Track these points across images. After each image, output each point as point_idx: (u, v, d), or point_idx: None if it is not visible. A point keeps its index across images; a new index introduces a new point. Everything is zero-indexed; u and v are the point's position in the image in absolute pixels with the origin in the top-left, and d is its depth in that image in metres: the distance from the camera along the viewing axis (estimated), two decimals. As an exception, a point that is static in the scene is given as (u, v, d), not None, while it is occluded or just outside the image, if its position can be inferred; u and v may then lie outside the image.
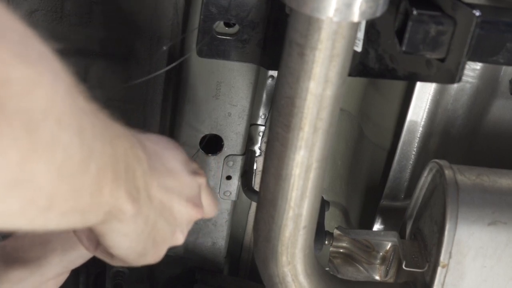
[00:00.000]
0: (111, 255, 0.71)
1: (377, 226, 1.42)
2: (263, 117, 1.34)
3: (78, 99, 0.52)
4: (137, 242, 0.69)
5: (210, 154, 1.29)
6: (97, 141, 0.54)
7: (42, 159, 0.46)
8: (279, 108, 0.82)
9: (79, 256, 0.89)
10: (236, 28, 1.01)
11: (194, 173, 0.79)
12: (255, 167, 1.37)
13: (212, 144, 1.27)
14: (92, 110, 0.54)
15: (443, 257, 1.02)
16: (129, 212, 0.62)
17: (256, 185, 1.33)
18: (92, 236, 0.70)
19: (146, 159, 0.66)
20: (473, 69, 1.23)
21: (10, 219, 0.47)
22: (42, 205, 0.49)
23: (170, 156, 0.76)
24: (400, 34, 0.86)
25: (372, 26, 0.94)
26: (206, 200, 0.83)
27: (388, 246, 1.23)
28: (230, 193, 1.35)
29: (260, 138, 1.36)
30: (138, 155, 0.64)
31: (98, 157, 0.54)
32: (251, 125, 1.33)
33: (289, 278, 0.99)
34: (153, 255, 0.75)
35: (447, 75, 0.87)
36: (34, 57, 0.46)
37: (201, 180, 0.81)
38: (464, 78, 1.21)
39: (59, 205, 0.51)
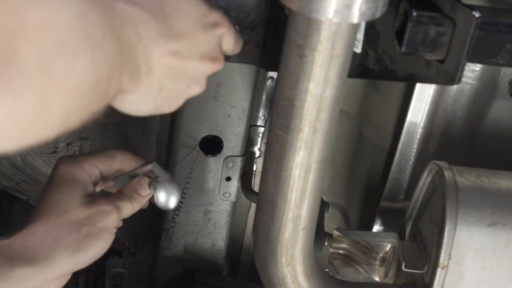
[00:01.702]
0: None
1: (376, 227, 1.42)
2: (262, 118, 1.34)
3: (90, 15, 0.51)
4: (143, 104, 0.72)
5: (209, 155, 1.29)
6: (107, 47, 0.55)
7: (59, 92, 0.47)
8: (279, 109, 0.82)
9: (87, 257, 0.90)
10: (235, 28, 1.01)
11: (212, 25, 0.77)
12: (254, 168, 1.37)
13: (212, 145, 1.27)
14: (101, 15, 0.54)
15: (442, 258, 1.02)
16: (129, 88, 0.65)
17: (256, 186, 1.33)
18: None
19: (147, 33, 0.67)
20: (472, 70, 1.23)
21: (29, 143, 0.49)
22: (58, 125, 0.50)
23: (181, 15, 0.73)
24: (399, 35, 0.86)
25: (371, 27, 0.94)
26: (228, 45, 0.82)
27: (388, 247, 1.23)
28: (230, 194, 1.35)
29: (259, 139, 1.36)
30: (139, 33, 0.66)
31: (107, 63, 0.55)
32: (251, 126, 1.33)
33: (288, 279, 0.99)
34: (168, 107, 0.78)
35: (447, 76, 0.87)
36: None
37: (221, 31, 0.79)
38: (463, 79, 1.21)
39: (72, 119, 0.52)
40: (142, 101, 0.71)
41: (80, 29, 0.49)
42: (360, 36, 0.92)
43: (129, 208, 0.94)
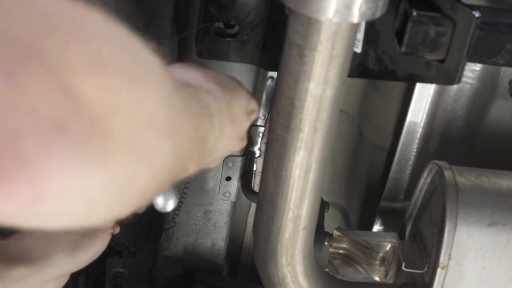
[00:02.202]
0: None
1: (376, 227, 1.42)
2: (262, 118, 1.34)
3: (176, 100, 0.54)
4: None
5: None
6: (185, 134, 0.57)
7: (144, 169, 0.50)
8: (279, 109, 0.82)
9: (84, 257, 0.90)
10: (235, 29, 1.01)
11: (251, 112, 0.85)
12: (254, 168, 1.37)
13: None
14: (184, 102, 0.57)
15: (442, 258, 1.02)
16: (191, 172, 0.66)
17: (256, 186, 1.33)
18: None
19: (218, 124, 0.72)
20: (472, 70, 1.23)
21: (107, 217, 0.51)
22: (134, 201, 0.52)
23: (237, 104, 0.80)
24: (399, 35, 0.86)
25: (371, 27, 0.94)
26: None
27: (388, 247, 1.23)
28: (230, 194, 1.35)
29: (259, 139, 1.36)
30: (212, 123, 0.70)
31: (184, 148, 0.58)
32: (251, 126, 1.33)
33: (288, 279, 0.99)
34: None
35: (447, 76, 0.87)
36: (141, 73, 0.48)
37: (255, 116, 0.87)
38: (463, 79, 1.21)
39: (146, 197, 0.54)
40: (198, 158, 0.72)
41: (166, 112, 0.51)
42: (360, 36, 0.92)
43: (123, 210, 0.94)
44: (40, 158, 0.40)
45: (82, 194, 0.45)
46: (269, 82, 1.29)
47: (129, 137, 0.47)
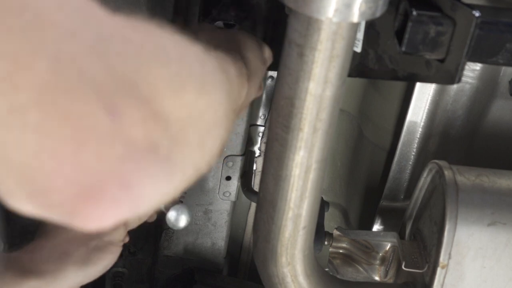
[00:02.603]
0: None
1: (376, 227, 1.42)
2: (262, 117, 1.33)
3: (231, 92, 0.59)
4: None
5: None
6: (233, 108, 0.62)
7: (204, 163, 0.53)
8: (279, 108, 0.82)
9: (95, 271, 0.90)
10: (235, 28, 1.01)
11: (266, 60, 0.88)
12: (254, 168, 1.37)
13: None
14: (234, 86, 0.64)
15: (442, 258, 1.02)
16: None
17: (256, 186, 1.33)
18: None
19: (246, 81, 0.77)
20: (472, 70, 1.23)
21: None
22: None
23: (253, 56, 0.83)
24: (399, 34, 0.86)
25: (371, 27, 0.94)
26: None
27: (388, 247, 1.23)
28: (230, 193, 1.35)
29: (259, 138, 1.36)
30: (244, 83, 0.75)
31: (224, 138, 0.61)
32: (251, 125, 1.33)
33: (288, 279, 0.99)
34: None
35: (447, 75, 0.87)
36: (208, 80, 0.53)
37: (269, 62, 0.90)
38: (463, 78, 1.21)
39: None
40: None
41: (226, 107, 0.56)
42: (360, 35, 0.92)
43: (135, 221, 0.95)
44: (139, 181, 0.45)
45: (162, 195, 0.49)
46: (269, 81, 1.28)
47: (199, 140, 0.51)
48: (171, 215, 0.94)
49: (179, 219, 0.94)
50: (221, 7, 0.97)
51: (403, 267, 1.09)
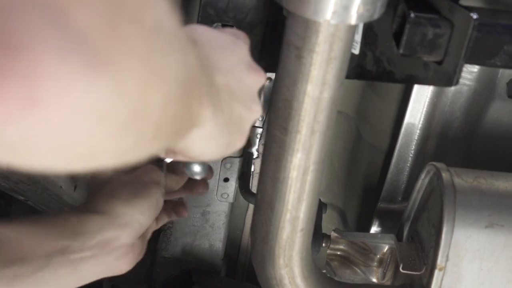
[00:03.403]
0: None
1: (374, 229, 1.42)
2: (260, 119, 1.33)
3: (174, 16, 0.48)
4: (220, 137, 0.66)
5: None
6: (191, 51, 0.52)
7: (157, 86, 0.43)
8: (277, 110, 0.82)
9: (146, 204, 0.93)
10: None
11: (238, 39, 0.77)
12: (252, 169, 1.37)
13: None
14: (179, 23, 0.50)
15: (440, 260, 1.02)
16: (208, 115, 0.59)
17: (254, 187, 1.33)
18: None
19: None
20: (470, 72, 1.23)
21: (121, 157, 0.44)
22: (150, 136, 0.45)
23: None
24: (397, 36, 0.86)
25: (369, 29, 0.94)
26: None
27: (386, 249, 1.23)
28: (228, 195, 1.35)
29: (257, 140, 1.36)
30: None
31: (194, 67, 0.52)
32: (249, 127, 1.33)
33: (286, 281, 0.99)
34: (240, 139, 0.72)
35: (445, 77, 0.87)
36: None
37: (248, 41, 0.79)
38: (461, 80, 1.22)
39: (162, 133, 0.48)
40: (218, 134, 0.65)
41: (169, 22, 0.46)
42: (358, 37, 0.92)
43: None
44: (33, 47, 0.33)
45: (87, 109, 0.37)
46: (267, 83, 1.29)
47: (140, 42, 0.40)
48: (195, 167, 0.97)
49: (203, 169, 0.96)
50: (220, 9, 0.97)
51: (400, 269, 1.09)
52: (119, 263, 0.92)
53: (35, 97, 0.34)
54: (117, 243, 0.91)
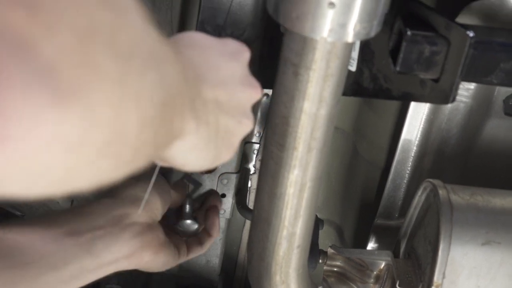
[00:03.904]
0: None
1: (371, 245, 1.42)
2: (257, 135, 1.34)
3: (152, 30, 0.47)
4: (206, 149, 0.65)
5: (204, 172, 1.29)
6: (171, 67, 0.50)
7: (132, 109, 0.42)
8: (274, 127, 0.82)
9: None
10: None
11: (234, 53, 0.74)
12: (249, 185, 1.37)
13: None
14: (161, 41, 0.49)
15: (436, 277, 1.02)
16: (191, 128, 0.58)
17: (251, 203, 1.33)
18: None
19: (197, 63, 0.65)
20: (467, 89, 1.24)
21: (98, 180, 0.43)
22: (128, 159, 0.45)
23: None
24: (394, 54, 0.86)
25: (366, 46, 0.94)
26: None
27: (382, 265, 1.22)
28: (224, 211, 1.35)
29: (254, 156, 1.36)
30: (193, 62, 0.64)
31: (173, 85, 0.50)
32: (246, 143, 1.33)
33: (282, 297, 0.99)
34: (227, 152, 0.71)
35: (441, 95, 0.87)
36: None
37: (246, 55, 0.76)
38: (458, 97, 1.22)
39: (140, 154, 0.47)
40: (203, 147, 0.64)
41: (145, 42, 0.45)
42: (355, 54, 0.93)
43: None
44: None
45: (59, 140, 0.37)
46: (264, 99, 1.29)
47: (113, 67, 0.39)
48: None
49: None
50: (217, 25, 0.98)
51: (397, 286, 1.09)
52: (136, 242, 0.92)
53: (4, 133, 0.34)
54: (128, 220, 0.92)
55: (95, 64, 0.38)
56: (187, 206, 1.11)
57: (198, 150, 0.63)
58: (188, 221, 1.09)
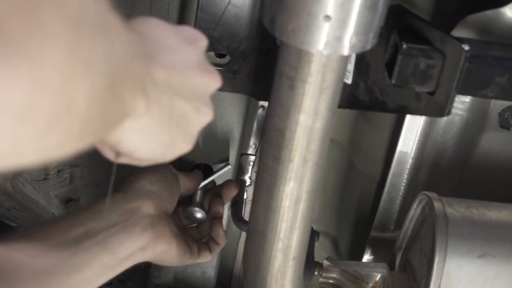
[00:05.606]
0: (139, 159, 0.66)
1: (366, 257, 1.42)
2: (253, 146, 1.34)
3: (103, 4, 0.45)
4: (158, 133, 0.62)
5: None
6: (122, 38, 0.48)
7: (83, 78, 0.41)
8: (269, 140, 0.82)
9: None
10: (227, 58, 1.01)
11: (191, 39, 0.72)
12: (245, 197, 1.37)
13: (203, 174, 1.27)
14: (112, 13, 0.47)
15: (432, 290, 1.02)
16: (142, 107, 0.56)
17: (246, 215, 1.33)
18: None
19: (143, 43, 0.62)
20: (462, 102, 1.24)
21: (45, 155, 0.41)
22: (76, 133, 0.43)
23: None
24: (390, 67, 0.86)
25: (362, 59, 0.95)
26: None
27: (378, 277, 1.22)
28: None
29: (250, 168, 1.36)
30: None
31: (123, 56, 0.49)
32: (241, 154, 1.33)
33: (278, 310, 0.99)
34: (184, 141, 0.69)
35: (437, 108, 0.87)
36: None
37: (203, 42, 0.74)
38: (453, 110, 1.22)
39: (89, 128, 0.45)
40: (155, 129, 0.61)
41: (95, 10, 0.43)
42: (351, 67, 0.93)
43: None
44: None
45: (5, 105, 0.35)
46: (260, 111, 1.29)
47: (62, 32, 0.37)
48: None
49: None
50: (213, 37, 0.98)
51: (393, 298, 1.09)
52: (149, 234, 0.93)
53: None
54: (139, 213, 0.94)
55: (45, 23, 0.36)
56: (198, 195, 1.15)
57: (149, 133, 0.61)
58: (196, 208, 1.13)
